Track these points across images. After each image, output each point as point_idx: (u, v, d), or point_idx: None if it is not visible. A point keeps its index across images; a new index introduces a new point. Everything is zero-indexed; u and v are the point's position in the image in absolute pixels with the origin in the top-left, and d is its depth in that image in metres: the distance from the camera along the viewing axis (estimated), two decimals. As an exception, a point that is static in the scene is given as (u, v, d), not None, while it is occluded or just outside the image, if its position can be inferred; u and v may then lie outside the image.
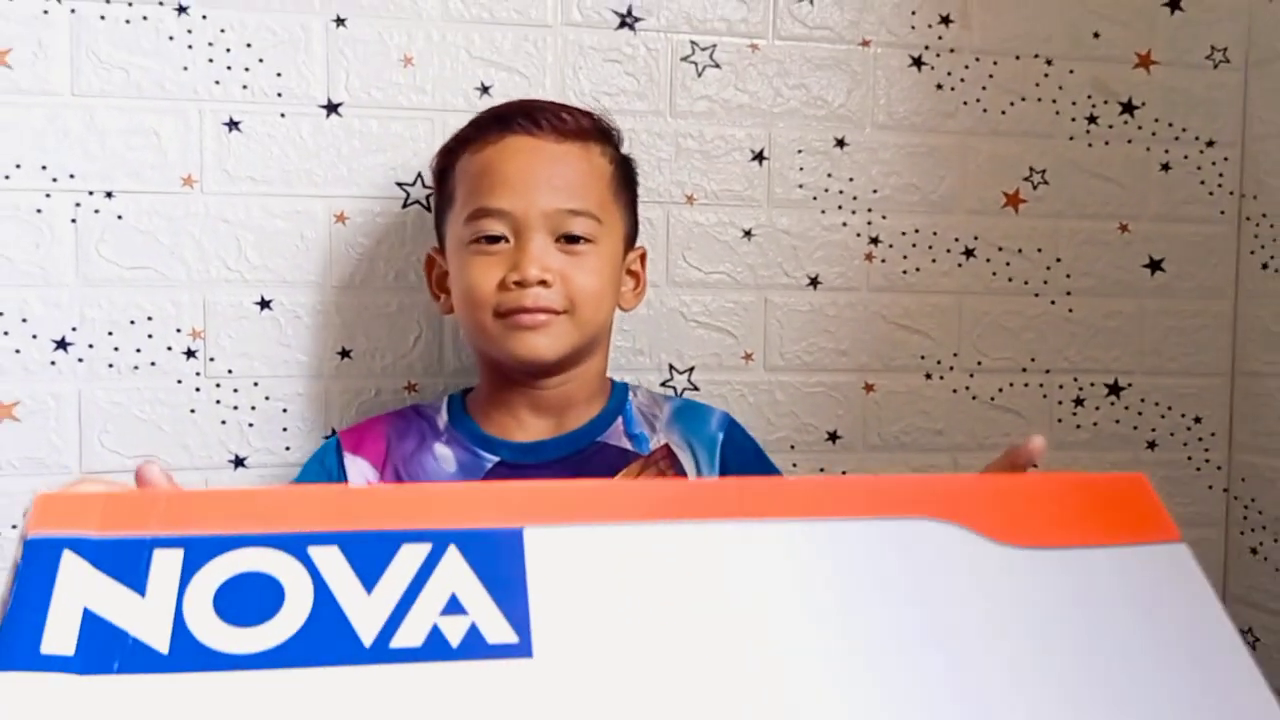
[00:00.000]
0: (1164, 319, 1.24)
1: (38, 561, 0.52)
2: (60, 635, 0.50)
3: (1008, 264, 1.20)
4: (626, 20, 1.11)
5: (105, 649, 0.50)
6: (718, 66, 1.13)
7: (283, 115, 1.05)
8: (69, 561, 0.52)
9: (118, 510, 0.54)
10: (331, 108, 1.06)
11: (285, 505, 0.55)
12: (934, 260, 1.19)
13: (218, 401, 1.05)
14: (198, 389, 1.04)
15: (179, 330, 1.04)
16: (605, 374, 1.00)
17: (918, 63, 1.17)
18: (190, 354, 1.04)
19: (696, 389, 1.14)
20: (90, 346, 1.03)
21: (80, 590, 0.52)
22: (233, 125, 1.04)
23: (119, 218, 1.02)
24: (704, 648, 0.52)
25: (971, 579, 0.57)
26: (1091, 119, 1.21)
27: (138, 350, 1.03)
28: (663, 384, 1.14)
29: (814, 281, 1.17)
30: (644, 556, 0.57)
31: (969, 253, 1.20)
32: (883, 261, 1.18)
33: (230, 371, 1.05)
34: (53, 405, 1.02)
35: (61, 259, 1.02)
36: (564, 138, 0.93)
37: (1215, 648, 0.56)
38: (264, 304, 1.06)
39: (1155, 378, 1.24)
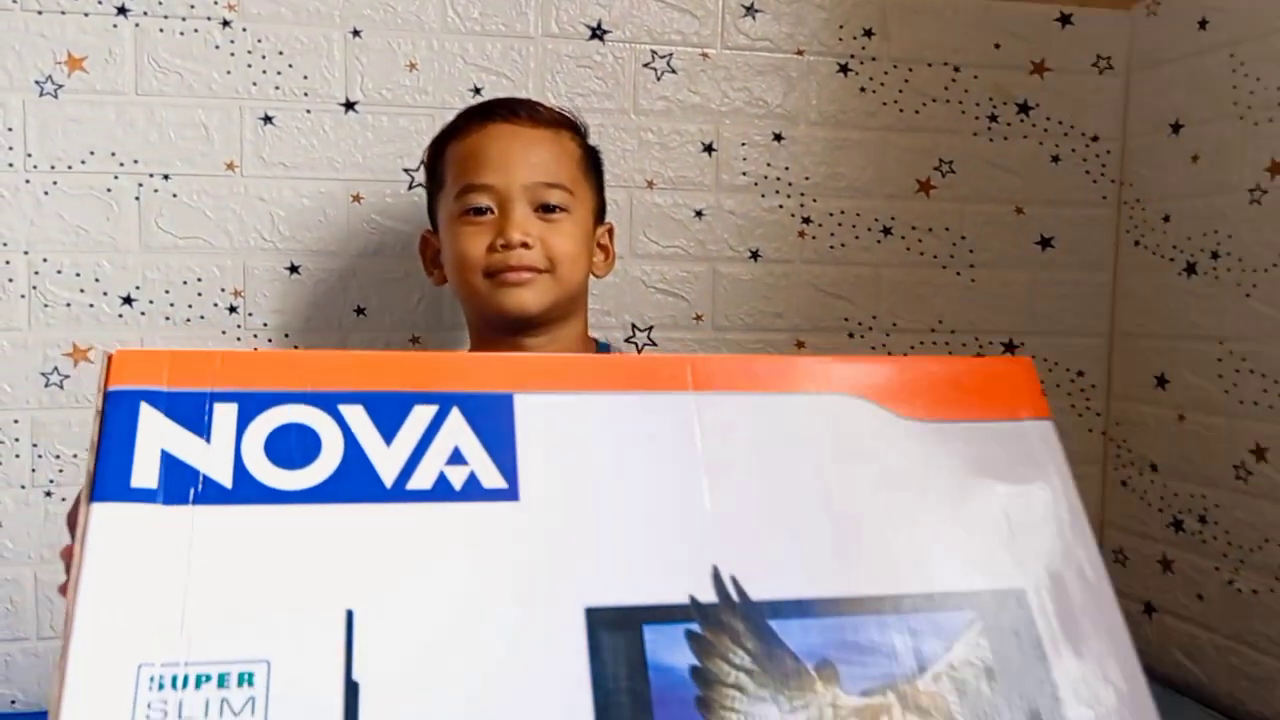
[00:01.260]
0: (1052, 288, 1.45)
1: (119, 410, 0.60)
2: (145, 472, 0.59)
3: (920, 241, 1.42)
4: (597, 32, 1.32)
5: (182, 484, 0.60)
6: (674, 72, 1.34)
7: (309, 111, 1.26)
8: (146, 411, 0.61)
9: (181, 367, 0.62)
10: (349, 105, 1.27)
11: (319, 367, 0.65)
12: (857, 237, 1.40)
13: (255, 349, 1.26)
14: (239, 339, 1.26)
15: (223, 290, 1.25)
16: (586, 336, 1.14)
17: (844, 69, 1.38)
18: (232, 310, 1.26)
19: (655, 345, 1.36)
20: (150, 302, 1.24)
21: (157, 435, 0.60)
22: (267, 120, 1.25)
23: (174, 196, 1.23)
24: (657, 498, 0.64)
25: (876, 444, 0.69)
26: (992, 118, 1.42)
27: (189, 306, 1.25)
28: (626, 340, 1.35)
29: (755, 255, 1.38)
30: (612, 420, 0.67)
31: (887, 231, 1.41)
32: (813, 238, 1.39)
33: (265, 325, 1.26)
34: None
35: (127, 230, 1.23)
36: (538, 124, 1.09)
37: (1059, 512, 0.69)
38: (293, 269, 1.27)
39: (1045, 338, 1.45)
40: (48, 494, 1.22)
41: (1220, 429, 1.27)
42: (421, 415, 0.64)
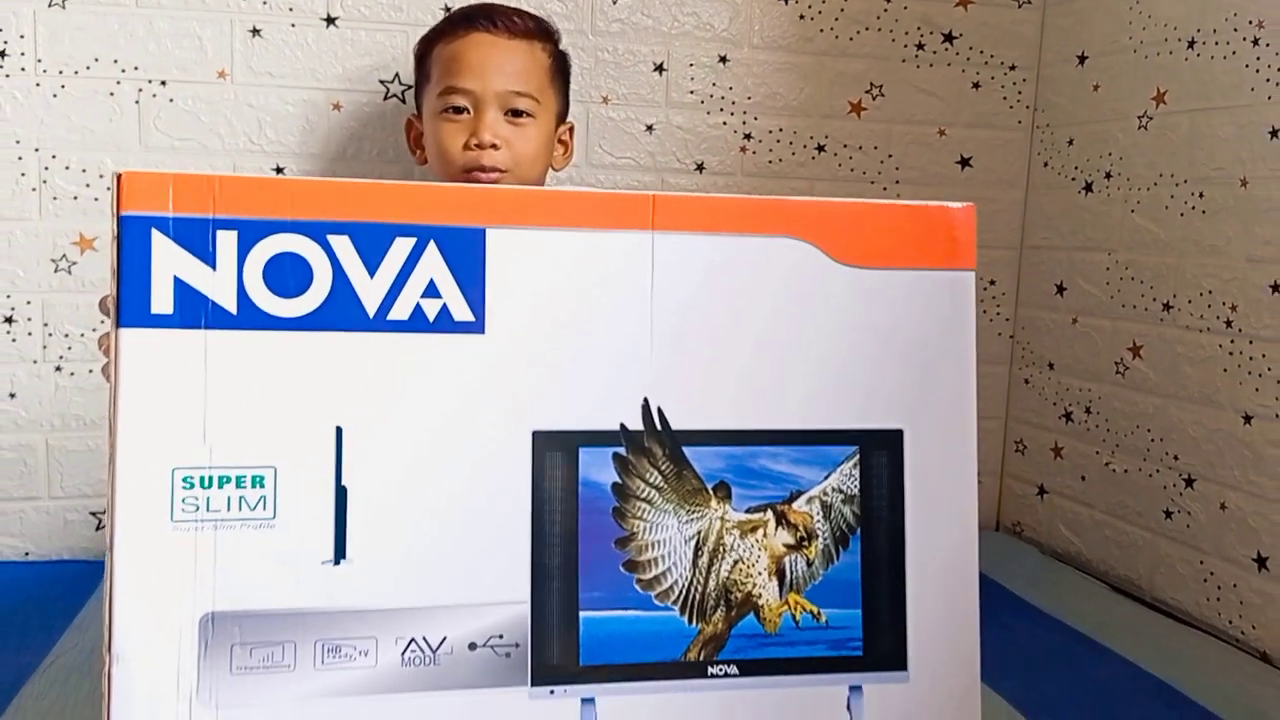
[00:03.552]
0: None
1: (134, 238, 0.69)
2: (161, 298, 0.69)
3: (851, 158, 1.56)
4: (558, -42, 1.44)
5: (194, 309, 0.69)
6: (628, -4, 1.47)
7: (293, 25, 1.38)
8: (157, 238, 0.68)
9: (184, 190, 0.69)
10: (330, 20, 1.39)
11: (310, 195, 0.72)
12: (793, 153, 1.54)
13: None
14: (229, 233, 1.39)
15: (215, 188, 1.38)
16: None
17: (785, -2, 1.52)
18: (223, 206, 1.39)
19: (607, 246, 1.50)
20: (149, 198, 1.36)
21: (169, 262, 0.69)
22: (256, 32, 1.37)
23: (171, 101, 1.36)
24: (607, 333, 0.75)
25: (807, 290, 0.78)
26: (920, 46, 1.56)
27: (184, 202, 1.37)
28: (581, 241, 1.49)
29: (700, 167, 1.52)
30: (576, 257, 0.75)
31: (821, 148, 1.55)
32: (753, 153, 1.53)
33: (253, 220, 1.40)
34: (122, 241, 1.36)
35: (128, 131, 1.35)
36: (514, 35, 1.23)
37: (953, 358, 0.80)
38: (279, 170, 1.40)
39: (962, 249, 1.60)
40: (58, 368, 1.35)
41: (1105, 330, 1.44)
42: (401, 248, 0.73)
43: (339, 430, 0.73)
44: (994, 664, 1.01)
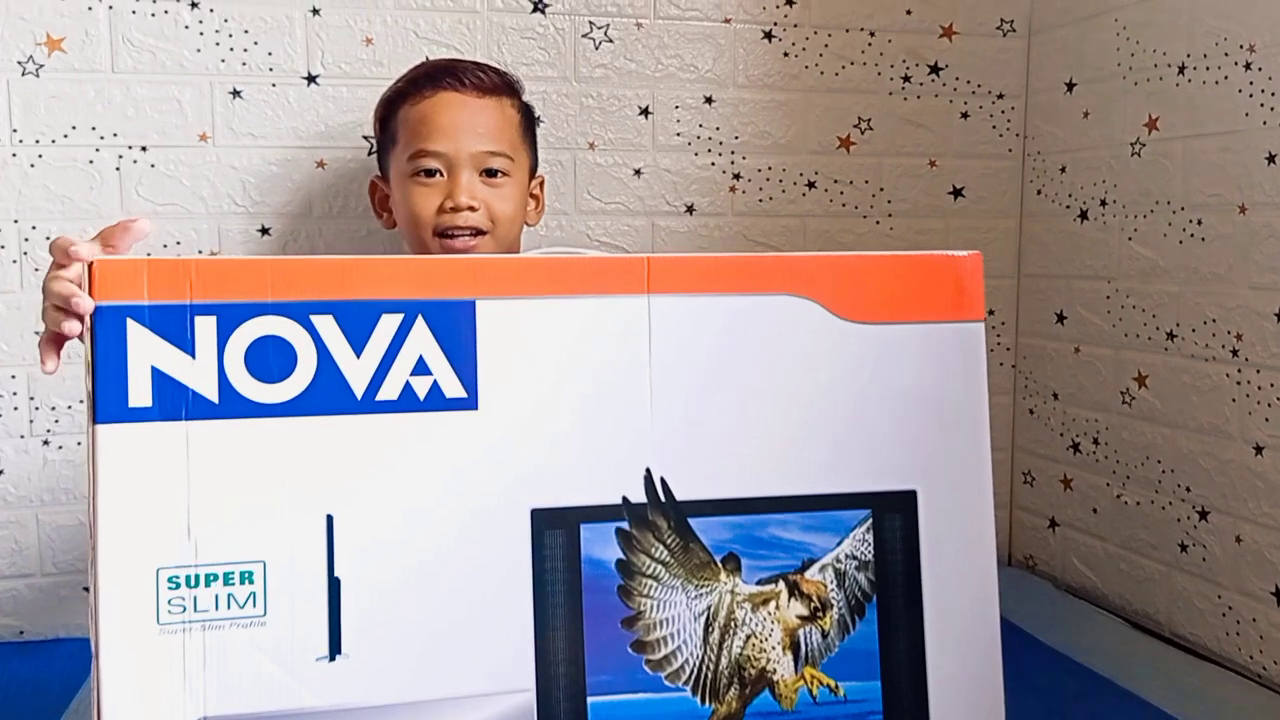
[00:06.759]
0: (964, 234, 1.58)
1: (108, 328, 0.66)
2: (139, 391, 0.67)
3: (841, 193, 1.54)
4: (538, 6, 1.42)
5: (174, 401, 0.67)
6: (611, 41, 1.45)
7: (274, 85, 1.36)
8: (133, 328, 0.66)
9: (159, 276, 0.67)
10: (311, 79, 1.37)
11: (291, 275, 0.70)
12: (784, 190, 1.53)
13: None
14: (215, 297, 1.37)
15: (200, 251, 1.36)
16: None
17: (769, 36, 1.50)
18: (209, 270, 1.36)
19: (600, 293, 1.48)
20: (133, 265, 1.34)
21: (146, 352, 0.66)
22: (236, 94, 1.35)
23: (152, 166, 1.33)
24: (606, 403, 0.73)
25: (810, 349, 0.77)
26: (906, 78, 1.54)
27: (169, 268, 1.35)
28: (573, 289, 1.47)
29: (690, 209, 1.50)
30: (570, 325, 0.73)
31: (811, 184, 1.53)
32: (743, 193, 1.51)
33: (239, 283, 1.37)
34: (106, 310, 1.34)
35: (109, 198, 1.33)
36: (484, 94, 1.20)
37: (965, 414, 0.79)
38: (264, 230, 1.38)
39: (958, 280, 1.59)
40: (45, 442, 1.33)
41: (1109, 359, 1.42)
42: (388, 325, 0.71)
43: (329, 519, 0.71)
44: (1014, 712, 1.00)
